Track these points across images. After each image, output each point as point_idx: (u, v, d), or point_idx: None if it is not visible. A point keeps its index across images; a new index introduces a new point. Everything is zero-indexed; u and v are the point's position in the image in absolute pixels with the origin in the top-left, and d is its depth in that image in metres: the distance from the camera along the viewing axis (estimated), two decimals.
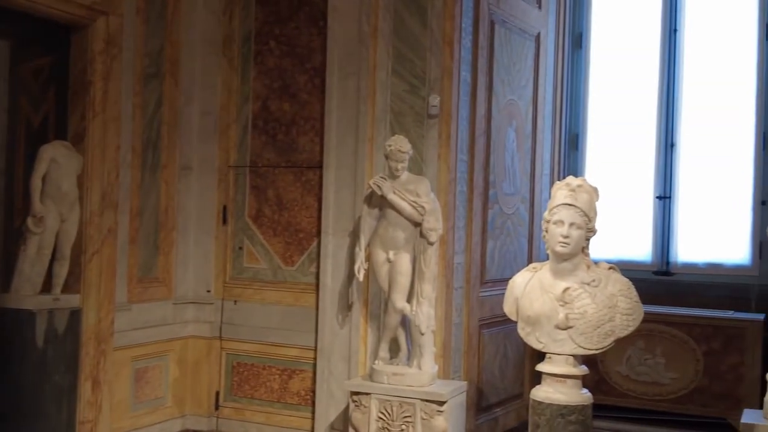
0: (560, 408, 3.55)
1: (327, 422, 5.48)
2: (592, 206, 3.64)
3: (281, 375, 5.76)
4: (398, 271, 4.97)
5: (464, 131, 5.48)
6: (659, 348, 6.27)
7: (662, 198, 7.11)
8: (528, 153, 6.36)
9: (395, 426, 4.91)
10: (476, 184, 5.63)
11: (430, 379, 4.93)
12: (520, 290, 3.74)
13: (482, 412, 5.78)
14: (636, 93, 7.27)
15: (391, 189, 4.91)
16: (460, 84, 5.37)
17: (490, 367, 5.88)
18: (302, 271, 5.73)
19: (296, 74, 5.75)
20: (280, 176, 5.81)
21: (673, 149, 7.11)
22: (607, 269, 3.65)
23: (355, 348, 5.43)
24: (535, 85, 6.40)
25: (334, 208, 5.51)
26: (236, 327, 5.88)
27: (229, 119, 5.96)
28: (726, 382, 6.10)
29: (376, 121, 5.38)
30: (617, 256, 6.94)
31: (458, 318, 5.49)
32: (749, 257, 6.80)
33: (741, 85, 6.93)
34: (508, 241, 6.09)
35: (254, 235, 5.89)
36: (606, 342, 3.56)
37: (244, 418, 5.84)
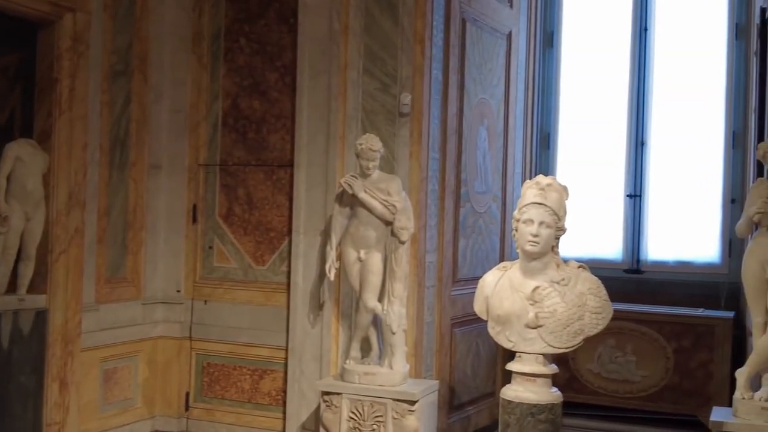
0: (530, 407, 3.54)
1: (298, 422, 5.45)
2: (562, 205, 3.64)
3: (252, 375, 5.72)
4: (369, 270, 4.95)
5: (436, 130, 5.46)
6: (630, 346, 6.30)
7: (633, 196, 7.15)
8: (500, 151, 6.36)
9: (366, 426, 4.89)
10: (448, 183, 5.62)
11: (401, 378, 4.91)
12: (490, 289, 3.73)
13: (454, 411, 5.78)
14: (607, 92, 7.31)
15: (362, 188, 4.89)
16: (431, 82, 5.36)
17: (462, 365, 5.87)
18: (273, 271, 5.69)
19: (266, 72, 5.71)
20: (250, 175, 5.77)
21: (643, 148, 7.15)
22: (577, 268, 3.65)
23: (326, 347, 5.40)
24: (506, 84, 6.40)
25: (305, 206, 5.47)
26: (206, 327, 5.83)
27: (198, 117, 5.90)
28: (696, 379, 6.15)
29: (348, 119, 5.36)
30: (588, 254, 6.97)
31: (430, 317, 5.47)
32: (719, 255, 6.86)
33: (711, 84, 6.98)
34: (480, 240, 6.09)
35: (225, 234, 5.84)
36: (575, 341, 3.56)
37: (215, 418, 5.79)
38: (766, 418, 4.10)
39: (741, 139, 6.77)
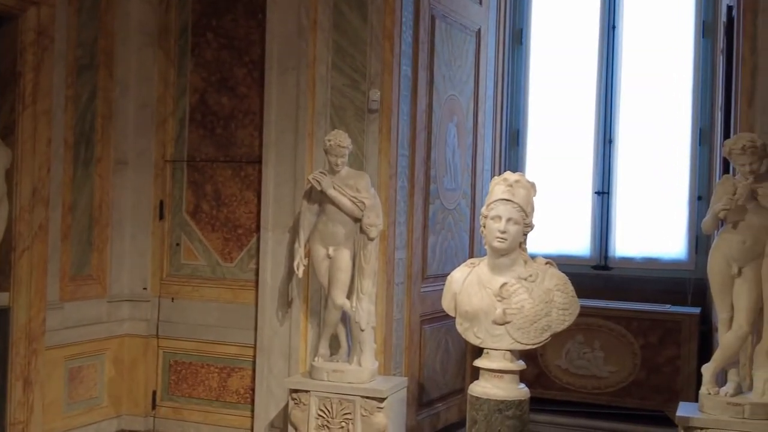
0: (498, 403, 3.54)
1: (266, 420, 5.42)
2: (530, 201, 3.64)
3: (220, 373, 5.67)
4: (338, 267, 4.93)
5: (405, 126, 5.45)
6: (598, 342, 6.34)
7: (601, 193, 7.19)
8: (469, 148, 6.36)
9: (335, 423, 4.87)
10: (417, 180, 5.61)
11: (370, 375, 4.90)
12: (458, 286, 3.73)
13: (423, 408, 5.77)
14: (575, 89, 7.34)
15: (330, 184, 4.86)
16: (400, 79, 5.35)
17: (431, 362, 5.87)
18: (241, 268, 5.65)
19: (234, 67, 5.66)
20: (218, 171, 5.72)
21: (611, 145, 7.19)
22: (544, 264, 3.66)
23: (295, 345, 5.37)
24: (476, 81, 6.40)
25: (274, 203, 5.44)
26: (173, 325, 5.77)
27: (165, 112, 5.84)
28: (663, 375, 6.20)
29: (316, 115, 5.33)
30: (557, 250, 7.00)
31: (399, 314, 5.47)
32: (685, 252, 6.92)
33: (678, 82, 7.04)
34: (449, 237, 6.09)
35: (192, 231, 5.79)
36: (542, 337, 3.57)
37: (182, 417, 5.74)
38: (731, 413, 4.13)
39: (707, 137, 6.83)
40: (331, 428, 4.88)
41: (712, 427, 4.14)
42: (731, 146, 4.18)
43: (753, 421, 4.09)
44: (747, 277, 4.14)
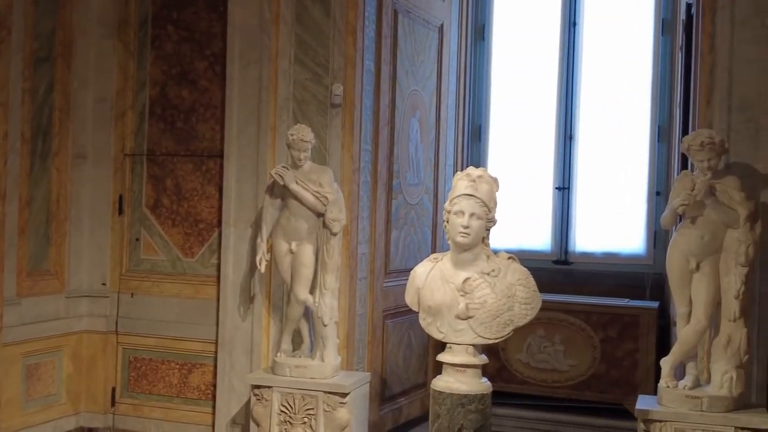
0: (460, 397, 3.56)
1: (228, 417, 5.38)
2: (492, 197, 3.66)
3: (181, 369, 5.62)
4: (301, 263, 4.91)
5: (368, 121, 5.45)
6: (558, 336, 6.40)
7: (561, 189, 7.25)
8: (432, 144, 6.38)
9: (297, 419, 4.86)
10: (380, 175, 5.61)
11: (332, 370, 4.89)
12: (421, 281, 3.73)
13: (386, 403, 5.78)
14: (536, 85, 7.39)
15: (293, 179, 4.84)
16: (363, 73, 5.34)
17: (393, 357, 5.88)
18: (202, 263, 5.60)
19: (195, 60, 5.60)
20: (179, 165, 5.66)
21: (571, 141, 7.25)
22: (507, 259, 3.68)
23: (257, 341, 5.34)
24: (438, 76, 6.41)
25: (236, 198, 5.40)
26: (133, 321, 5.71)
27: (125, 106, 5.76)
28: (622, 368, 6.27)
29: (279, 109, 5.30)
30: (518, 245, 7.06)
31: (362, 309, 5.46)
32: (644, 247, 7.01)
33: (637, 79, 7.12)
34: (412, 232, 6.10)
35: (152, 226, 5.72)
36: (505, 331, 3.59)
37: (142, 414, 5.68)
38: (690, 405, 4.20)
39: (666, 133, 6.93)
40: (294, 424, 4.86)
41: (671, 420, 4.21)
42: (690, 142, 4.24)
43: (711, 413, 4.16)
44: (705, 271, 4.21)
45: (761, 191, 4.47)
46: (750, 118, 4.54)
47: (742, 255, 4.09)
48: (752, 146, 4.53)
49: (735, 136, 4.53)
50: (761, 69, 4.53)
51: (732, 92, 4.56)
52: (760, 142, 4.52)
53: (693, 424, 4.18)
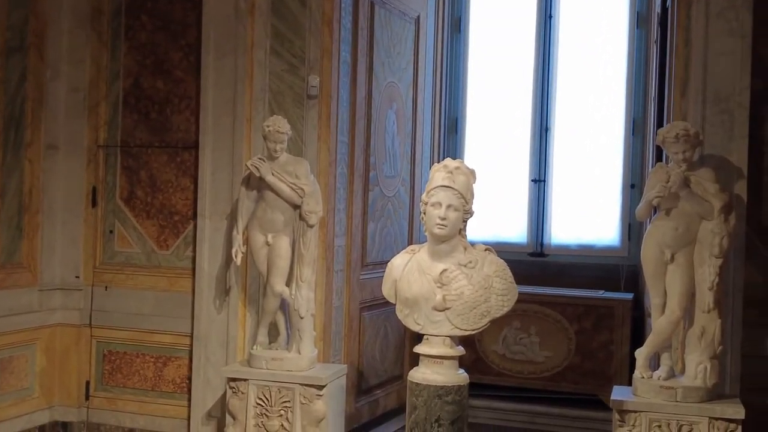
0: (437, 389, 3.56)
1: (204, 410, 5.35)
2: (470, 188, 3.66)
3: (155, 363, 5.58)
4: (277, 255, 4.89)
5: (344, 113, 5.43)
6: (534, 327, 6.42)
7: (537, 181, 7.28)
8: (408, 136, 6.37)
9: (274, 411, 4.84)
10: (357, 167, 5.60)
11: (309, 363, 4.88)
12: (398, 272, 3.73)
13: (363, 395, 5.78)
14: (513, 78, 7.40)
15: (269, 170, 4.81)
16: (340, 65, 5.31)
17: (370, 349, 5.88)
18: (177, 256, 5.55)
19: (170, 51, 5.54)
20: (153, 157, 5.61)
21: (547, 134, 7.28)
22: (484, 250, 3.68)
23: (233, 333, 5.31)
24: (415, 68, 6.41)
25: (211, 190, 5.35)
26: (107, 314, 5.65)
27: (98, 96, 5.69)
28: (597, 359, 6.31)
29: (254, 101, 5.26)
30: (494, 237, 7.08)
31: (338, 301, 5.45)
32: (618, 239, 7.06)
33: (613, 73, 7.15)
34: (389, 224, 6.10)
35: (126, 218, 5.66)
36: (482, 322, 3.59)
37: (117, 407, 5.64)
38: (664, 396, 4.24)
39: (641, 127, 6.97)
40: (270, 416, 4.85)
41: (646, 411, 4.24)
42: (665, 135, 4.27)
43: (685, 404, 4.20)
44: (679, 263, 4.24)
45: (735, 183, 4.52)
46: (724, 110, 4.58)
47: (716, 246, 4.13)
48: (727, 138, 4.57)
49: (710, 128, 4.57)
50: (735, 62, 4.57)
51: (707, 85, 4.60)
52: (735, 134, 4.56)
53: (667, 414, 4.22)
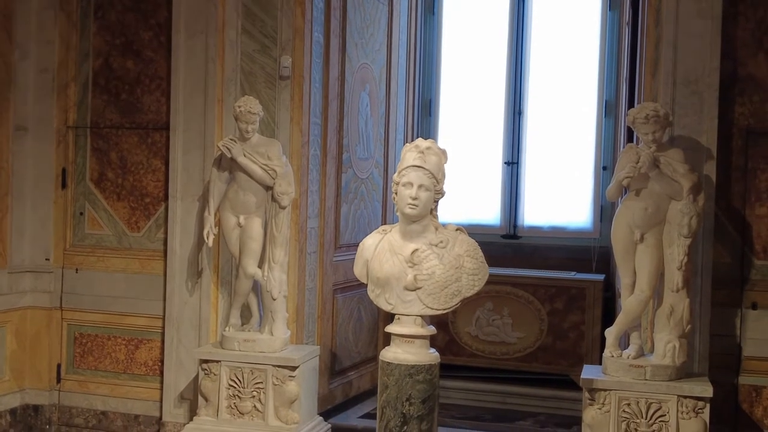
0: (408, 368, 3.57)
1: (176, 392, 5.33)
2: (441, 168, 3.65)
3: (127, 345, 5.55)
4: (249, 236, 4.87)
5: (317, 94, 5.40)
6: (506, 308, 6.46)
7: (510, 163, 7.31)
8: (382, 118, 6.36)
9: (246, 393, 4.84)
10: (329, 148, 5.58)
11: (282, 344, 4.88)
12: (370, 252, 3.72)
13: (336, 376, 5.79)
14: (486, 60, 7.41)
15: (241, 151, 4.78)
16: (312, 45, 5.28)
17: (344, 331, 5.89)
18: (149, 238, 5.52)
19: (140, 30, 5.48)
20: (123, 138, 5.55)
21: (520, 116, 7.30)
22: (455, 230, 3.68)
23: (205, 316, 5.29)
24: (388, 50, 6.39)
25: (182, 171, 5.31)
26: (78, 296, 5.61)
27: (67, 77, 5.62)
28: (568, 340, 6.37)
29: (226, 81, 5.22)
30: (468, 220, 7.11)
31: (312, 283, 5.45)
32: (590, 221, 7.12)
33: (585, 55, 7.18)
34: (362, 206, 6.10)
35: (97, 200, 5.61)
36: (453, 302, 3.60)
37: (88, 390, 5.60)
38: (633, 374, 4.29)
39: (613, 109, 7.01)
40: (243, 398, 4.84)
41: (615, 389, 4.29)
42: (635, 115, 4.30)
43: (654, 382, 4.26)
44: (649, 242, 4.29)
45: (705, 164, 4.57)
46: (694, 92, 4.61)
47: (684, 226, 4.17)
48: (696, 119, 4.61)
49: (679, 109, 4.60)
50: (705, 43, 4.60)
51: (677, 66, 4.63)
52: (704, 115, 4.60)
53: (636, 392, 4.27)
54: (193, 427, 4.92)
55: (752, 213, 4.70)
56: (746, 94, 4.70)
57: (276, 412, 4.81)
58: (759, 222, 4.70)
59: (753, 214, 4.70)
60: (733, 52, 4.68)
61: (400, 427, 3.58)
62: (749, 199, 4.70)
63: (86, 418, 5.61)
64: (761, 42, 4.69)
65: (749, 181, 4.70)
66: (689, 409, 4.22)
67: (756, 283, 4.69)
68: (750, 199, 4.70)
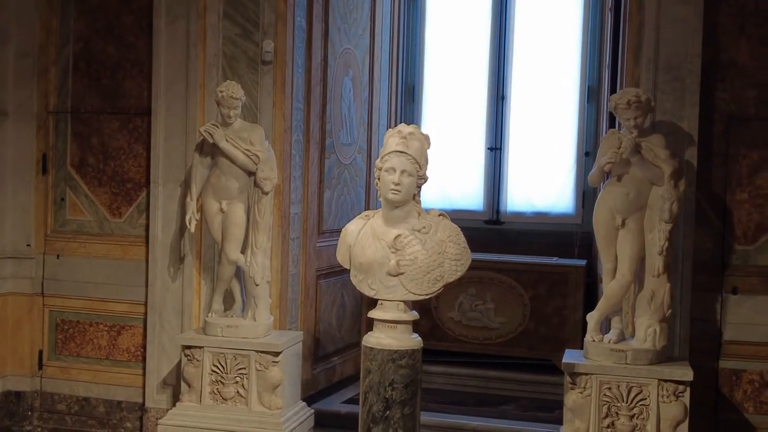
0: (391, 353, 3.57)
1: (159, 378, 5.33)
2: (424, 154, 3.65)
3: (109, 331, 5.53)
4: (232, 222, 4.86)
5: (300, 79, 5.38)
6: (489, 294, 6.48)
7: (493, 149, 7.32)
8: (365, 103, 6.34)
9: (229, 378, 4.84)
10: (313, 134, 5.56)
11: (265, 330, 4.88)
12: (353, 238, 3.72)
13: (319, 362, 5.80)
14: (469, 46, 7.40)
15: (223, 137, 4.76)
16: (294, 30, 5.25)
17: (327, 316, 5.89)
18: (131, 223, 5.49)
19: (121, 14, 5.43)
20: (105, 123, 5.51)
21: (503, 102, 7.31)
22: (437, 216, 3.68)
23: (188, 302, 5.28)
24: (371, 35, 6.36)
25: (164, 156, 5.29)
26: (60, 283, 5.58)
27: (48, 61, 5.57)
28: (550, 325, 6.40)
29: (208, 66, 5.19)
30: (451, 205, 7.13)
31: (295, 268, 5.44)
32: (573, 206, 7.15)
33: (568, 40, 7.19)
34: (346, 191, 6.09)
35: (78, 186, 5.57)
36: (435, 287, 3.60)
37: (71, 376, 5.59)
38: (614, 358, 4.32)
39: (595, 94, 7.03)
40: (226, 383, 4.84)
41: (596, 373, 4.32)
42: (617, 101, 4.31)
43: (635, 366, 4.29)
44: (630, 228, 4.31)
45: (686, 149, 4.59)
46: (676, 78, 4.63)
47: (666, 212, 4.19)
48: (678, 105, 4.62)
49: (661, 95, 4.62)
50: (687, 29, 4.61)
51: (659, 52, 4.64)
52: (686, 101, 4.62)
53: (617, 376, 4.30)
54: (176, 413, 4.92)
55: (733, 198, 4.73)
56: (728, 80, 4.72)
57: (259, 397, 4.81)
58: (740, 207, 4.73)
59: (734, 200, 4.73)
60: (715, 38, 4.70)
61: (383, 412, 3.59)
62: (730, 184, 4.73)
63: (68, 404, 5.60)
64: (743, 28, 4.70)
65: (730, 166, 4.73)
66: (669, 393, 4.26)
67: (736, 268, 4.73)
68: (731, 185, 4.73)
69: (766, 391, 4.71)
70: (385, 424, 3.58)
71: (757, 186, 4.70)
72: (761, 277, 4.69)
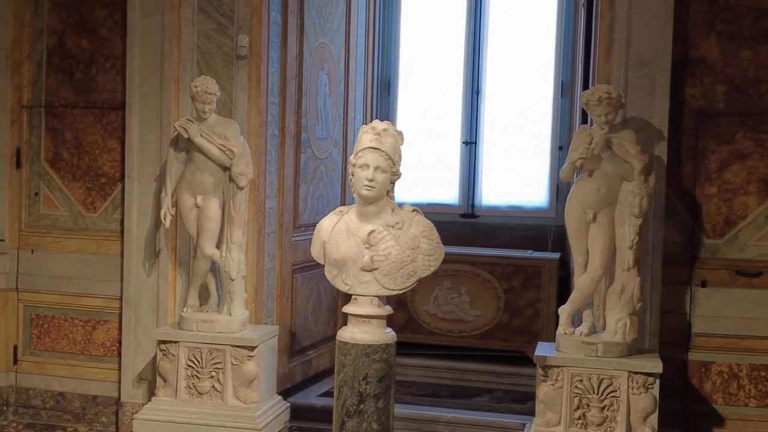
0: (365, 348, 3.61)
1: (134, 373, 5.33)
2: (397, 150, 3.68)
3: (84, 326, 5.53)
4: (207, 217, 4.87)
5: (275, 73, 5.39)
6: (464, 287, 6.52)
7: (468, 143, 7.36)
8: (340, 97, 6.36)
9: (205, 373, 4.86)
10: (288, 128, 5.57)
11: (240, 324, 4.90)
12: (327, 234, 3.75)
13: (295, 356, 5.83)
14: (445, 40, 7.42)
15: (198, 132, 4.77)
16: (270, 24, 5.26)
17: (303, 311, 5.91)
18: (105, 218, 5.48)
19: (95, 8, 5.41)
20: (78, 117, 5.49)
21: (478, 96, 7.34)
22: (411, 211, 3.72)
23: (163, 296, 5.28)
24: (347, 29, 6.37)
25: (139, 151, 5.28)
26: (34, 277, 5.57)
27: (21, 55, 5.54)
28: (524, 317, 6.44)
29: (182, 60, 5.18)
30: (427, 199, 7.16)
31: (270, 263, 5.46)
32: (546, 200, 7.20)
33: (542, 35, 7.23)
34: (321, 186, 6.11)
35: (52, 180, 5.55)
36: (409, 282, 3.64)
37: (45, 371, 5.58)
38: (586, 351, 4.38)
39: (569, 89, 7.08)
40: (201, 378, 4.86)
41: (568, 366, 4.38)
42: (588, 97, 4.36)
43: (605, 358, 4.35)
44: (601, 222, 4.36)
45: (656, 145, 4.65)
46: (647, 74, 4.68)
47: (636, 206, 4.25)
48: (648, 101, 4.68)
49: (632, 91, 4.67)
50: (659, 25, 4.65)
51: (630, 48, 4.68)
52: (656, 97, 4.67)
53: (588, 369, 4.36)
54: (151, 408, 4.93)
55: (702, 193, 4.80)
56: (697, 76, 4.78)
57: (235, 391, 4.84)
58: (708, 202, 4.80)
59: (703, 194, 4.80)
60: (685, 34, 4.75)
61: (357, 406, 3.62)
62: (699, 179, 4.80)
63: (44, 399, 5.59)
64: (713, 24, 4.76)
65: (699, 161, 4.79)
66: (639, 385, 4.33)
67: (705, 262, 4.80)
68: (700, 179, 4.80)
69: (734, 382, 4.79)
70: (360, 418, 3.62)
71: (726, 180, 4.77)
72: (729, 270, 4.77)
